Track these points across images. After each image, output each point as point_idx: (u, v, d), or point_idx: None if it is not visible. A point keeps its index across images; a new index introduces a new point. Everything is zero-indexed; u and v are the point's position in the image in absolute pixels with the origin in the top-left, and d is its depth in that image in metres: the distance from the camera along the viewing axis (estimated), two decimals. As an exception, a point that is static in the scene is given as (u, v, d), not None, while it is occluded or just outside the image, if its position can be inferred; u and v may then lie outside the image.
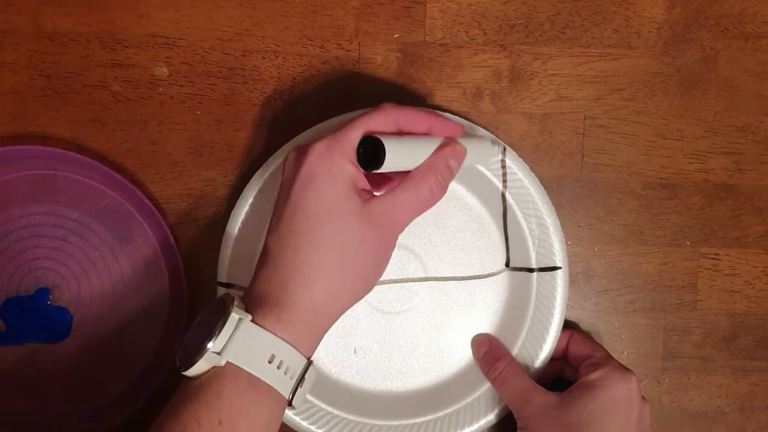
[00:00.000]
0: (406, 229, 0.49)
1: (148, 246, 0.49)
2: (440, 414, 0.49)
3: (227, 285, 0.48)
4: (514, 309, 0.50)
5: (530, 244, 0.49)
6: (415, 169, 0.40)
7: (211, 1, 0.49)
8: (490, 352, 0.49)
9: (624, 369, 0.45)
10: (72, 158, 0.47)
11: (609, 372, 0.44)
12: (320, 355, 0.50)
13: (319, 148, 0.38)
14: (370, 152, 0.38)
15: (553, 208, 0.48)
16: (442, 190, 0.40)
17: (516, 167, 0.48)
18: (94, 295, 0.50)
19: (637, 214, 0.52)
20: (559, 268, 0.48)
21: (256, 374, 0.36)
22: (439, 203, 0.49)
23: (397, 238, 0.40)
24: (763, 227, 0.52)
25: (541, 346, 0.48)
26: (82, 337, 0.50)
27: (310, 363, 0.38)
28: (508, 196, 0.48)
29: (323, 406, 0.49)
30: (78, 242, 0.49)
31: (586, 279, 0.52)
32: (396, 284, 0.50)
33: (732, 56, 0.51)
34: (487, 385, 0.49)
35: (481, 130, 0.48)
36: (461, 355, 0.51)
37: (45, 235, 0.49)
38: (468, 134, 0.45)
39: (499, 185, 0.48)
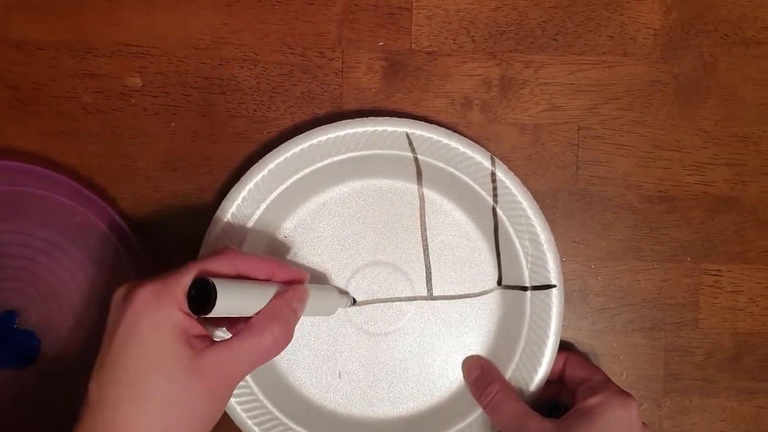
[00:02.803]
0: (393, 246, 0.48)
1: (121, 266, 0.47)
2: (430, 442, 0.47)
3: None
4: (507, 329, 0.48)
5: (523, 261, 0.47)
6: (256, 315, 0.37)
7: (187, 7, 0.47)
8: (481, 376, 0.47)
9: (623, 393, 0.43)
10: (40, 173, 0.45)
11: (608, 397, 0.42)
12: (303, 380, 0.48)
13: (145, 294, 0.35)
14: (202, 295, 0.35)
15: (547, 223, 0.46)
16: (288, 336, 0.38)
17: (507, 181, 0.46)
18: (64, 319, 0.47)
19: (634, 229, 0.50)
20: (554, 286, 0.46)
21: None
22: (427, 219, 0.48)
23: (233, 390, 0.37)
24: (767, 242, 0.50)
25: (535, 369, 0.46)
26: (50, 363, 0.47)
27: None
28: (499, 211, 0.46)
29: (306, 434, 0.47)
30: (46, 262, 0.47)
31: (582, 297, 0.50)
32: (382, 304, 0.48)
33: (732, 63, 0.49)
34: (479, 410, 0.47)
35: (331, 287, 0.46)
36: (452, 378, 0.49)
37: (11, 254, 0.47)
38: (313, 283, 0.43)
39: (490, 200, 0.46)
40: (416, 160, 0.46)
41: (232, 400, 0.45)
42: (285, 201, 0.47)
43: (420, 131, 0.45)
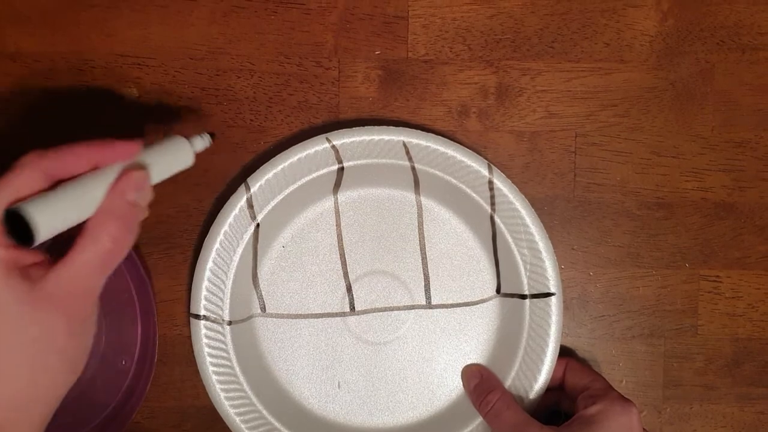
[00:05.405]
0: (391, 255, 0.48)
1: (119, 278, 0.46)
2: (430, 451, 0.47)
3: (200, 317, 0.45)
4: (507, 338, 0.48)
5: (522, 269, 0.46)
6: (89, 220, 0.33)
7: (182, 18, 0.47)
8: (481, 384, 0.47)
9: (624, 400, 0.43)
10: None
11: (608, 404, 0.42)
12: (302, 390, 0.48)
13: None
14: (20, 225, 0.31)
15: (545, 230, 0.46)
16: (130, 232, 0.34)
17: (505, 188, 0.46)
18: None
19: (633, 236, 0.49)
20: (553, 294, 0.46)
21: None
22: (425, 228, 0.48)
23: (94, 303, 0.34)
24: (766, 247, 0.50)
25: (535, 377, 0.46)
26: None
27: None
28: (497, 219, 0.46)
29: (305, 444, 0.46)
30: (43, 274, 0.47)
31: (581, 304, 0.50)
32: (381, 313, 0.48)
33: (728, 69, 0.49)
34: (479, 419, 0.46)
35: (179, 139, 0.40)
36: (451, 387, 0.48)
37: (7, 267, 0.47)
38: (154, 144, 0.38)
39: (488, 208, 0.46)
40: (413, 168, 0.46)
41: (231, 410, 0.45)
42: (282, 211, 0.46)
43: (417, 140, 0.45)
